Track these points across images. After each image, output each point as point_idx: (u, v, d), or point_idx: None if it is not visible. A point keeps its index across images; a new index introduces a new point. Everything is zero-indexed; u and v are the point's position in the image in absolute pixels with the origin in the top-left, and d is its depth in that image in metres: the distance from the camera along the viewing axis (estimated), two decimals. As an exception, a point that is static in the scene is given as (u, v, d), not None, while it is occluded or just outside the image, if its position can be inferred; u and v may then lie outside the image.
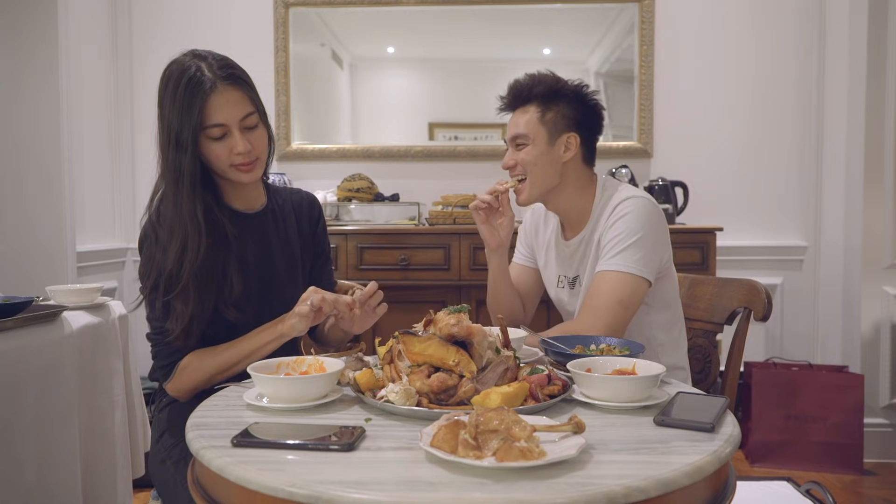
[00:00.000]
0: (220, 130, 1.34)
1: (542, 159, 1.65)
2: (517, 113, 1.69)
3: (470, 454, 0.81)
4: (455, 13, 3.33)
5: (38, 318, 1.69)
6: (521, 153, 1.66)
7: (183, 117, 1.32)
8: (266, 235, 1.49)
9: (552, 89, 1.65)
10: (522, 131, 1.65)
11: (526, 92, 1.66)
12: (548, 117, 1.65)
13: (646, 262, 1.54)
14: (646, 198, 1.62)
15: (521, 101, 1.68)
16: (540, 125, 1.65)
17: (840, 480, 2.73)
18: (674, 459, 0.84)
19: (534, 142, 1.64)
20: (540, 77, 1.67)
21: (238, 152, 1.35)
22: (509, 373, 1.10)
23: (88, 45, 3.12)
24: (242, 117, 1.35)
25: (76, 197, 2.89)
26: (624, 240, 1.55)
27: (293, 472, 0.82)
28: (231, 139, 1.35)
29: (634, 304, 1.54)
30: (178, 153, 1.33)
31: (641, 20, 3.27)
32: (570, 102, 1.66)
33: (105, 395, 1.95)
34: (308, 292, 1.32)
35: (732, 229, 3.13)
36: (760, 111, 3.28)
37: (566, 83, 1.67)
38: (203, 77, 1.32)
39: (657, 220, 1.60)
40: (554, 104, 1.65)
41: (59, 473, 1.71)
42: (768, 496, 1.69)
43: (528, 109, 1.66)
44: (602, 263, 1.57)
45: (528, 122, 1.65)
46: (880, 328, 2.97)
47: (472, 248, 2.86)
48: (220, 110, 1.33)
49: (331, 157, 3.37)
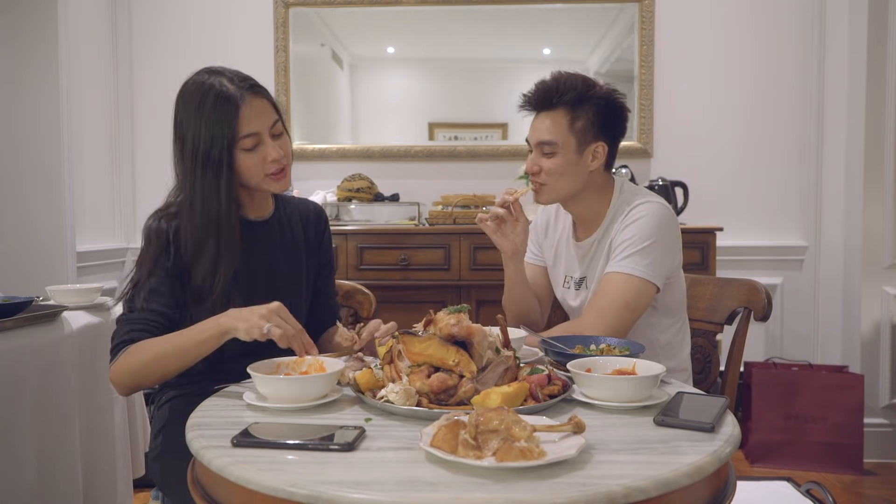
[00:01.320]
0: (253, 140, 1.34)
1: (569, 169, 1.60)
2: (543, 116, 1.61)
3: (470, 454, 0.81)
4: (455, 13, 3.33)
5: (38, 318, 1.69)
6: (547, 161, 1.60)
7: (214, 133, 1.31)
8: (271, 243, 1.49)
9: (583, 96, 1.58)
10: (551, 139, 1.59)
11: (555, 96, 1.59)
12: (577, 126, 1.59)
13: (655, 268, 1.53)
14: (661, 203, 1.60)
15: (548, 105, 1.60)
16: (570, 134, 1.58)
17: (840, 480, 2.73)
18: (674, 459, 0.84)
19: (562, 150, 1.59)
20: (570, 81, 1.60)
21: (273, 159, 1.36)
22: (509, 373, 1.10)
23: (88, 45, 3.12)
24: (271, 125, 1.37)
25: (76, 197, 2.89)
26: (635, 243, 1.54)
27: (293, 472, 0.82)
28: (263, 147, 1.36)
29: (640, 307, 1.53)
30: (211, 169, 1.33)
31: (641, 20, 3.27)
32: (600, 109, 1.60)
33: (105, 394, 1.95)
34: (272, 310, 1.23)
35: (732, 229, 3.13)
36: (760, 111, 3.28)
37: (596, 88, 1.60)
38: (229, 91, 1.33)
39: (670, 226, 1.59)
40: (583, 111, 1.59)
41: (60, 473, 1.71)
42: (768, 496, 1.69)
43: (556, 115, 1.59)
44: (612, 265, 1.56)
45: (557, 129, 1.58)
46: (880, 328, 2.97)
47: (472, 248, 2.86)
48: (252, 120, 1.33)
49: (331, 157, 3.37)
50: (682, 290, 1.70)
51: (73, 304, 1.91)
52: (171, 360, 1.27)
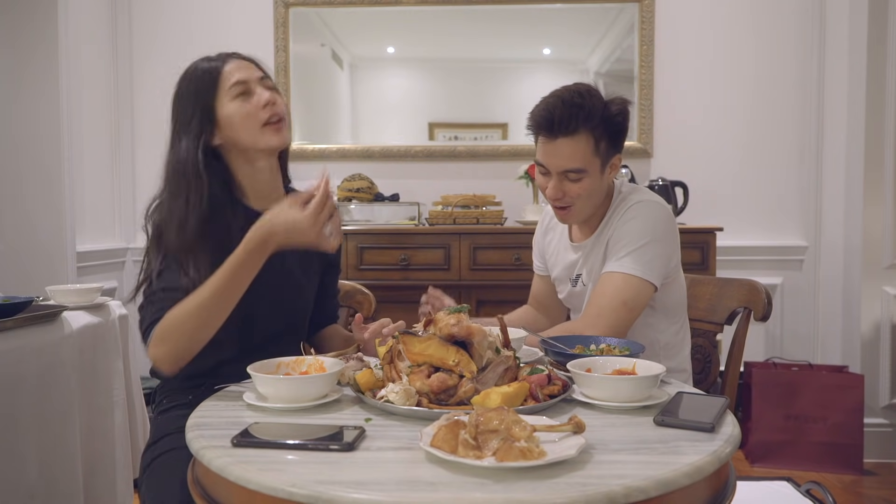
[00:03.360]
0: (241, 87, 1.35)
1: (595, 189, 1.57)
2: (564, 142, 1.52)
3: (470, 454, 0.81)
4: (455, 13, 3.33)
5: (38, 318, 1.69)
6: (575, 186, 1.55)
7: (193, 102, 1.35)
8: None
9: (603, 116, 1.52)
10: (580, 166, 1.53)
11: (575, 122, 1.51)
12: (601, 147, 1.54)
13: (652, 267, 1.53)
14: (657, 202, 1.60)
15: (567, 131, 1.52)
16: (595, 156, 1.54)
17: (840, 480, 2.73)
18: (674, 459, 0.84)
19: (590, 174, 1.54)
20: (590, 103, 1.52)
21: (266, 101, 1.35)
22: (509, 373, 1.10)
23: (88, 45, 3.12)
24: (259, 78, 1.39)
25: (76, 197, 2.90)
26: (632, 242, 1.53)
27: (293, 472, 0.82)
28: (255, 95, 1.36)
29: (639, 306, 1.53)
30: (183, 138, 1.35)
31: (641, 20, 3.27)
32: (616, 124, 1.56)
33: (105, 395, 1.96)
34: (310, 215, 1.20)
35: (732, 229, 3.13)
36: (760, 111, 3.28)
37: (612, 106, 1.54)
38: (208, 64, 1.39)
39: (667, 224, 1.58)
40: (602, 130, 1.53)
41: (60, 473, 1.71)
42: (768, 496, 1.69)
43: (578, 140, 1.52)
44: (609, 265, 1.55)
45: (583, 155, 1.52)
46: (880, 328, 2.97)
47: (472, 248, 2.86)
48: (237, 72, 1.37)
49: (331, 157, 3.36)
50: (682, 292, 1.69)
51: (73, 304, 1.91)
52: (213, 306, 1.23)
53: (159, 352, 1.25)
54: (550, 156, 1.55)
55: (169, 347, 1.25)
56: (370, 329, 1.33)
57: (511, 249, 2.84)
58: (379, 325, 1.33)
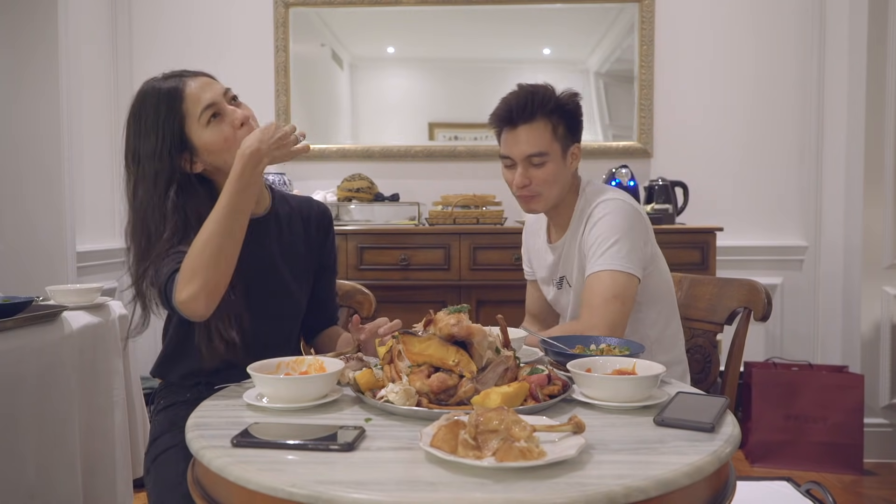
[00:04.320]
0: (211, 111, 1.32)
1: (559, 175, 1.64)
2: (524, 129, 1.63)
3: (470, 454, 0.81)
4: (455, 13, 3.33)
5: (38, 318, 1.69)
6: (539, 171, 1.63)
7: (158, 133, 1.29)
8: (267, 240, 1.45)
9: (556, 103, 1.63)
10: (541, 149, 1.62)
11: (532, 108, 1.61)
12: (559, 132, 1.63)
13: (631, 259, 1.56)
14: (620, 199, 1.64)
15: (528, 117, 1.62)
16: (554, 141, 1.63)
17: (840, 480, 2.73)
18: (674, 459, 0.84)
19: (552, 158, 1.63)
20: (543, 92, 1.63)
21: (240, 120, 1.33)
22: (509, 373, 1.10)
23: (88, 45, 3.12)
24: (224, 92, 1.35)
25: (76, 197, 2.89)
26: (606, 241, 1.57)
27: (293, 472, 0.82)
28: (226, 115, 1.33)
29: (629, 297, 1.56)
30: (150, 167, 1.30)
31: (641, 20, 3.27)
32: (570, 113, 1.65)
33: (105, 395, 1.96)
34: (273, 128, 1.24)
35: (732, 229, 3.13)
36: (760, 111, 3.28)
37: (562, 94, 1.65)
38: (164, 85, 1.32)
39: (634, 217, 1.62)
40: (559, 117, 1.63)
41: (60, 473, 1.71)
42: (768, 496, 1.69)
43: (537, 126, 1.62)
44: (590, 266, 1.59)
45: (542, 139, 1.62)
46: (880, 328, 2.97)
47: (472, 248, 2.86)
48: (203, 93, 1.31)
49: (331, 157, 3.37)
50: (664, 277, 1.72)
51: (73, 304, 1.91)
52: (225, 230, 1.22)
53: (191, 290, 1.21)
54: (513, 144, 1.65)
55: (199, 281, 1.20)
56: (366, 329, 1.33)
57: (511, 249, 2.84)
58: (375, 324, 1.33)
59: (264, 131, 1.23)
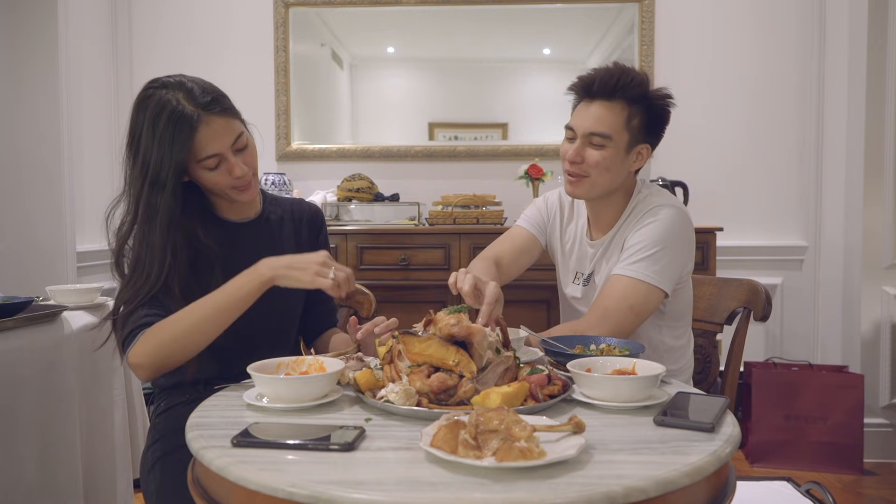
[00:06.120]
0: (215, 161, 1.32)
1: (615, 165, 1.54)
2: (599, 105, 1.53)
3: (470, 454, 0.81)
4: (455, 13, 3.33)
5: (38, 318, 1.69)
6: (595, 153, 1.53)
7: (164, 153, 1.28)
8: (259, 244, 1.45)
9: (644, 94, 1.54)
10: (607, 131, 1.52)
11: (619, 87, 1.52)
12: (633, 123, 1.54)
13: (664, 274, 1.50)
14: (679, 208, 1.57)
15: (608, 94, 1.53)
16: (625, 129, 1.53)
17: (840, 480, 2.73)
18: (674, 459, 0.84)
19: (614, 145, 1.53)
20: (636, 76, 1.54)
21: (237, 177, 1.34)
22: (509, 373, 1.10)
23: (88, 45, 3.12)
24: (233, 141, 1.34)
25: (76, 197, 2.89)
26: (647, 247, 1.51)
27: (293, 472, 0.82)
28: (227, 164, 1.33)
29: (646, 312, 1.51)
30: (155, 191, 1.30)
31: (641, 20, 3.27)
32: (655, 111, 1.56)
33: (105, 395, 1.96)
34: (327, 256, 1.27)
35: (732, 229, 3.13)
36: (760, 111, 3.28)
37: (658, 90, 1.56)
38: (185, 111, 1.28)
39: (684, 231, 1.56)
40: (640, 109, 1.54)
41: (60, 473, 1.71)
42: (768, 496, 1.69)
43: (614, 106, 1.53)
44: (620, 267, 1.53)
45: (614, 122, 1.52)
46: (880, 328, 2.97)
47: (472, 248, 2.86)
48: (212, 142, 1.30)
49: (331, 157, 3.37)
50: (690, 297, 1.68)
51: (73, 304, 1.91)
52: (205, 326, 1.25)
53: (142, 360, 1.26)
54: (581, 117, 1.56)
55: (155, 358, 1.26)
56: (363, 329, 1.33)
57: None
58: (371, 324, 1.33)
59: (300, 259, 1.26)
